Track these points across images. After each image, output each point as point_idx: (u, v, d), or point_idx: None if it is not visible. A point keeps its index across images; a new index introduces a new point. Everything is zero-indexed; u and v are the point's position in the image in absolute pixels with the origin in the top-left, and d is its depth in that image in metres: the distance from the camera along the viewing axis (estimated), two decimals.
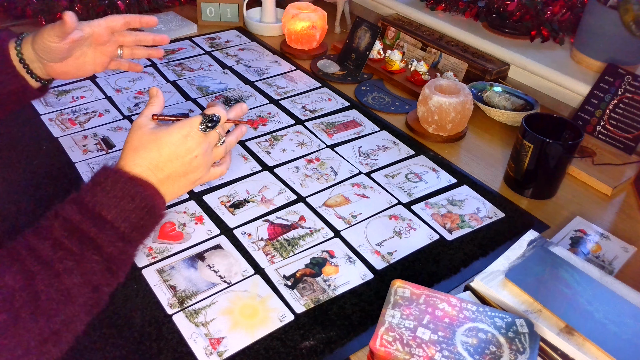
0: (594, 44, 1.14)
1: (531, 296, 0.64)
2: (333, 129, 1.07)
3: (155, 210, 0.60)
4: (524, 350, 0.58)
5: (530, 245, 0.72)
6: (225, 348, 0.65)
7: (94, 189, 0.56)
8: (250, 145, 1.01)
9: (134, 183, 0.58)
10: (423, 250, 0.81)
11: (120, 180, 0.57)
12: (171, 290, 0.72)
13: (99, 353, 0.64)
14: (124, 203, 0.56)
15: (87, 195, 0.56)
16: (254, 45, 1.39)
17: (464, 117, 1.03)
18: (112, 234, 0.55)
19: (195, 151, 0.62)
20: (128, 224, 0.57)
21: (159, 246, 0.78)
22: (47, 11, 1.38)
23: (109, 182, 0.57)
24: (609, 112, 1.05)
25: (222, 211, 0.85)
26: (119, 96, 1.13)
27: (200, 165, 0.64)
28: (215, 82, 1.21)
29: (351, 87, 1.22)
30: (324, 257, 0.78)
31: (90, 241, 0.54)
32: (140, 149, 0.60)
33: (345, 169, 0.96)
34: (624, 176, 0.96)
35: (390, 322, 0.61)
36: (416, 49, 1.32)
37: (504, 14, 1.30)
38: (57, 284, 0.52)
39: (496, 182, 0.96)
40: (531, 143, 0.87)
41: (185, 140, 0.61)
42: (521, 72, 1.22)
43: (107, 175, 0.57)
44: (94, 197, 0.56)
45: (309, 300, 0.72)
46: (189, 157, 0.62)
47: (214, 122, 0.63)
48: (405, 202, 0.89)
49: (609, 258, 0.81)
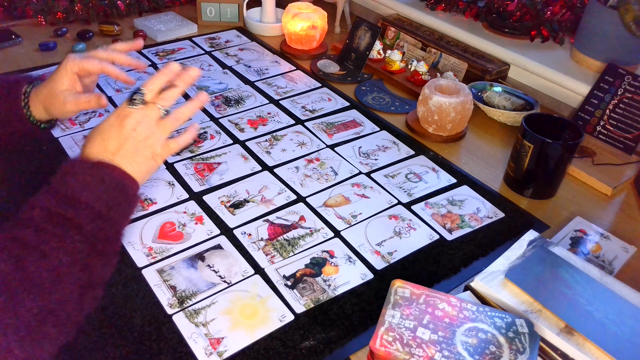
0: (594, 44, 1.14)
1: (531, 296, 0.64)
2: (333, 129, 1.07)
3: (127, 190, 0.62)
4: (524, 350, 0.58)
5: (530, 245, 0.72)
6: (225, 348, 0.65)
7: (64, 178, 0.59)
8: (250, 145, 1.01)
9: (100, 166, 0.60)
10: (423, 250, 0.81)
11: (86, 166, 0.60)
12: (171, 290, 0.72)
13: (99, 353, 0.64)
14: (94, 185, 0.59)
15: (58, 184, 0.58)
16: (254, 45, 1.39)
17: (464, 117, 1.03)
18: (89, 213, 0.58)
19: (131, 124, 0.63)
20: (103, 203, 0.59)
21: (159, 246, 0.78)
22: (47, 11, 1.39)
23: (77, 169, 0.59)
24: (609, 112, 1.05)
25: (222, 211, 0.85)
26: (119, 96, 1.13)
27: (146, 137, 0.64)
28: (215, 82, 1.21)
29: (351, 87, 1.22)
30: (324, 257, 0.78)
31: (69, 222, 0.56)
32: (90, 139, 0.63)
33: (345, 169, 0.96)
34: (624, 176, 0.96)
35: (390, 322, 0.61)
36: (416, 49, 1.32)
37: (504, 14, 1.30)
38: (46, 264, 0.54)
39: (496, 182, 0.96)
40: (531, 143, 0.87)
41: (120, 118, 0.63)
42: (521, 72, 1.22)
43: (74, 164, 0.60)
44: (66, 185, 0.58)
45: (309, 300, 0.72)
46: (128, 131, 0.63)
47: (138, 94, 0.64)
48: (405, 202, 0.89)
49: (609, 258, 0.81)
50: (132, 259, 0.76)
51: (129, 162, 0.62)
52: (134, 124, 0.63)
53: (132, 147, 0.63)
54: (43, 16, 1.38)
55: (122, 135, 0.62)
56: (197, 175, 0.92)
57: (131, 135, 0.63)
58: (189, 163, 0.95)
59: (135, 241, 0.79)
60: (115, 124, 0.63)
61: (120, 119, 0.63)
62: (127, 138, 0.62)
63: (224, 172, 0.94)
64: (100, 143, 0.62)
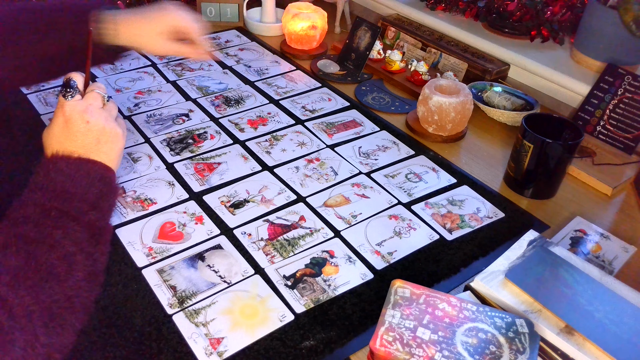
0: (594, 44, 1.14)
1: (531, 296, 0.64)
2: (333, 129, 1.07)
3: (110, 182, 0.63)
4: (524, 350, 0.58)
5: (530, 245, 0.72)
6: (225, 348, 0.65)
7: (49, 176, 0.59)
8: (250, 145, 1.01)
9: (80, 161, 0.61)
10: (423, 250, 0.81)
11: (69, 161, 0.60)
12: (171, 290, 0.72)
13: (99, 353, 0.64)
14: (81, 179, 0.60)
15: (44, 181, 0.59)
16: (254, 45, 1.39)
17: (464, 117, 1.03)
18: (82, 205, 0.59)
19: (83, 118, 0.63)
20: (92, 195, 0.60)
21: (159, 246, 0.78)
22: None
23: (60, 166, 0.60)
24: (609, 112, 1.05)
25: (222, 211, 0.85)
26: (119, 96, 1.13)
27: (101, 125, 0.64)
28: (215, 82, 1.21)
29: (351, 87, 1.22)
30: (324, 257, 0.78)
31: (66, 215, 0.57)
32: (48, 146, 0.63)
33: (345, 169, 0.96)
34: (624, 176, 0.96)
35: (390, 322, 0.61)
36: (416, 49, 1.32)
37: (504, 14, 1.30)
38: (56, 254, 0.55)
39: (496, 182, 0.96)
40: (531, 143, 0.87)
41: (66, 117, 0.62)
42: (521, 72, 1.22)
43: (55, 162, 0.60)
44: (52, 181, 0.59)
45: (309, 300, 0.72)
46: (82, 126, 0.62)
47: (71, 86, 0.63)
48: (405, 202, 0.89)
49: (609, 258, 0.81)
50: (132, 259, 0.76)
51: (96, 154, 0.63)
52: (85, 117, 0.62)
53: (93, 139, 0.63)
54: None
55: (79, 131, 0.62)
56: (197, 175, 0.92)
57: (88, 129, 0.62)
58: (189, 163, 0.95)
59: (135, 241, 0.79)
60: (64, 123, 0.62)
61: (67, 116, 0.62)
62: (84, 133, 0.62)
63: (224, 172, 0.94)
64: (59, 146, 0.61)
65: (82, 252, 0.57)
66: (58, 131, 0.62)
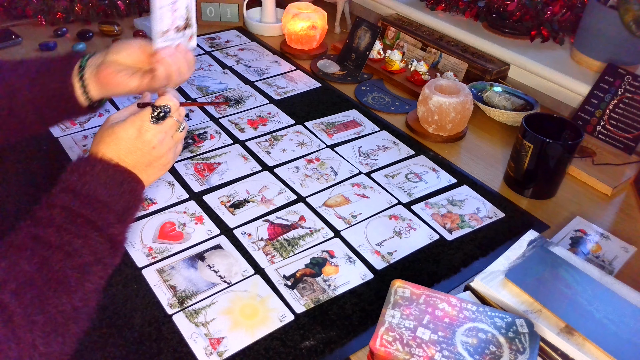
0: (594, 44, 1.14)
1: (531, 296, 0.64)
2: (333, 129, 1.07)
3: (139, 195, 0.63)
4: (524, 350, 0.58)
5: (530, 245, 0.72)
6: (225, 348, 0.65)
7: (83, 178, 0.58)
8: (250, 145, 1.01)
9: (117, 169, 0.61)
10: (423, 250, 0.81)
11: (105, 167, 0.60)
12: (171, 290, 0.72)
13: (99, 353, 0.64)
14: (113, 188, 0.59)
15: (76, 183, 0.58)
16: (254, 45, 1.39)
17: (464, 117, 1.03)
18: (109, 216, 0.58)
19: (152, 142, 0.63)
20: (120, 206, 0.60)
21: (159, 246, 0.78)
22: (47, 11, 1.38)
23: (96, 170, 0.59)
24: (609, 112, 1.05)
25: (222, 211, 0.85)
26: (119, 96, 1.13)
27: (162, 153, 0.64)
28: (215, 82, 1.21)
29: (351, 87, 1.22)
30: (324, 257, 0.78)
31: (91, 224, 0.57)
32: (101, 144, 0.62)
33: (345, 169, 0.96)
34: (624, 176, 0.96)
35: (390, 322, 0.61)
36: (416, 49, 1.32)
37: (504, 14, 1.30)
38: (71, 263, 0.54)
39: (496, 182, 0.96)
40: (531, 143, 0.87)
41: (141, 133, 0.62)
42: (521, 72, 1.22)
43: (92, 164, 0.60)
44: (85, 185, 0.58)
45: (309, 300, 0.72)
46: (147, 148, 0.63)
47: (165, 114, 0.64)
48: (405, 202, 0.89)
49: (609, 258, 0.81)
50: (132, 259, 0.76)
51: (140, 172, 0.63)
52: (154, 143, 0.63)
53: (147, 161, 0.63)
54: (43, 16, 1.38)
55: (141, 150, 0.62)
56: (197, 175, 0.92)
57: (150, 152, 0.63)
58: (189, 163, 0.95)
59: (135, 241, 0.79)
60: (134, 137, 0.62)
61: (141, 133, 0.62)
62: (145, 154, 0.63)
63: (224, 172, 0.94)
64: (115, 150, 0.61)
65: (99, 263, 0.56)
66: (124, 137, 0.61)
